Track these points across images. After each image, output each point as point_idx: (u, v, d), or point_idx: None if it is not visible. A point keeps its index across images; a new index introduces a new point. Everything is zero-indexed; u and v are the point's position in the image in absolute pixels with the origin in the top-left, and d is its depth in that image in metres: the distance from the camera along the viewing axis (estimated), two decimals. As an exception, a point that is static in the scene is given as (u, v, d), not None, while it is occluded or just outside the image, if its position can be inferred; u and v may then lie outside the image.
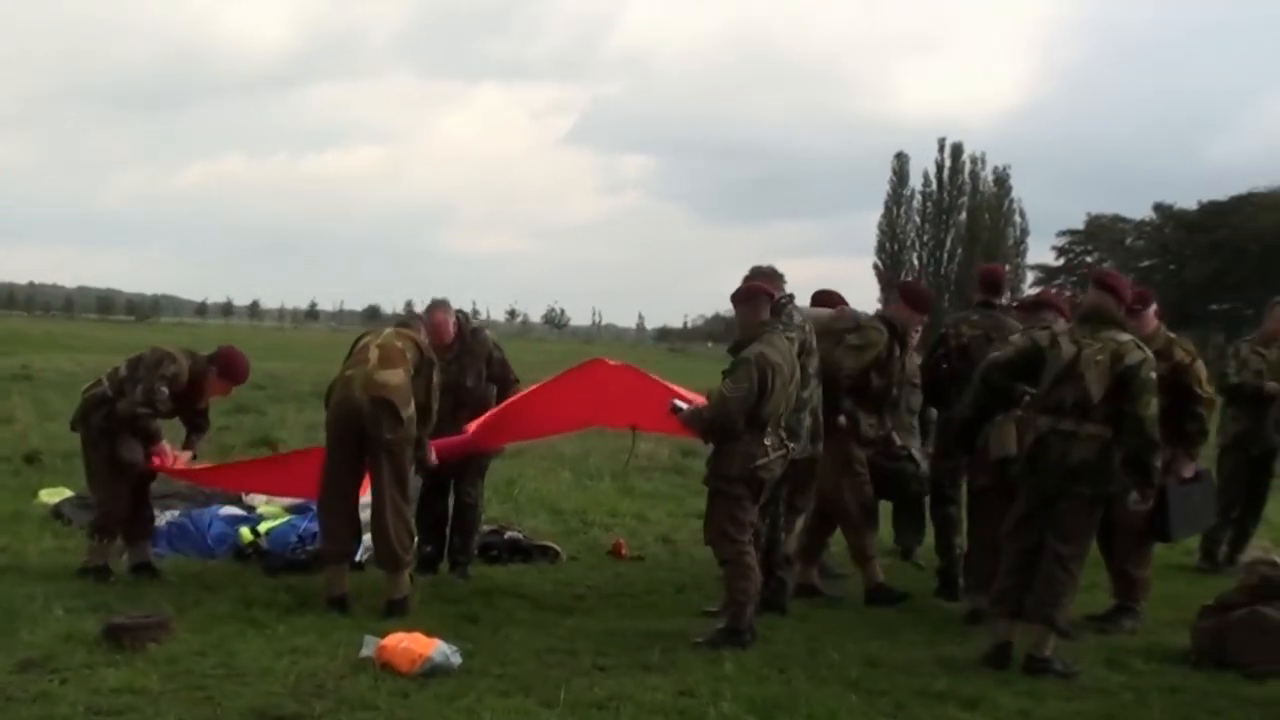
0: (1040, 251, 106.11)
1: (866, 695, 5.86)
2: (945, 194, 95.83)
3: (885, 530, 9.79)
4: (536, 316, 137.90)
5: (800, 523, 8.11)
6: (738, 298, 7.27)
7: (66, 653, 6.09)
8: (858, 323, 8.31)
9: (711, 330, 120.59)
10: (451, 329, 8.47)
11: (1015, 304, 8.89)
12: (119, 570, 8.01)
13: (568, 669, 6.13)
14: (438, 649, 6.02)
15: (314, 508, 9.15)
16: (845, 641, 6.87)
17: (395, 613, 7.18)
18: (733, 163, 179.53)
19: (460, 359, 8.52)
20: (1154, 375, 6.53)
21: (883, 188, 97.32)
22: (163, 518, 9.64)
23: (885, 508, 9.74)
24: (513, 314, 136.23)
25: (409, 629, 6.41)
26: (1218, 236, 78.64)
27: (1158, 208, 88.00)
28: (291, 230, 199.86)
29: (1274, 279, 73.40)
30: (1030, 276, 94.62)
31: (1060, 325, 6.98)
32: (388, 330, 7.85)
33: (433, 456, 7.81)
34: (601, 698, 5.62)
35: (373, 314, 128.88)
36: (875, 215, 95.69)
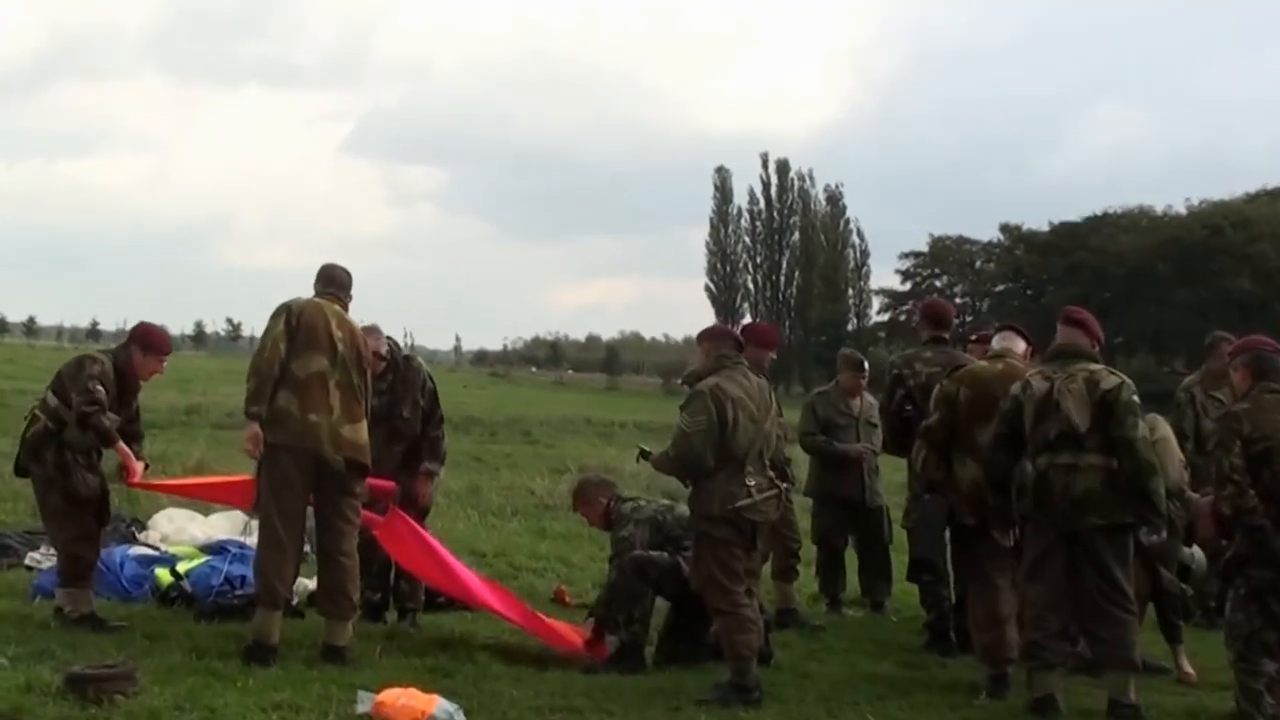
0: (883, 275, 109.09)
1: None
2: (775, 213, 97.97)
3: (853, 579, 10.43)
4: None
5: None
6: (702, 336, 7.83)
7: (35, 705, 6.17)
8: None
9: (532, 354, 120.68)
10: (382, 358, 8.59)
11: (973, 337, 9.55)
12: (38, 612, 8.12)
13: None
14: (440, 707, 6.25)
15: (231, 549, 9.42)
16: (859, 702, 7.24)
17: (334, 659, 7.43)
18: (529, 176, 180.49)
19: (394, 388, 8.70)
20: (1136, 398, 7.09)
21: (704, 203, 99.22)
22: (50, 560, 9.77)
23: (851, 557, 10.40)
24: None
25: (383, 683, 6.68)
26: (1075, 259, 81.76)
27: (1004, 228, 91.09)
28: (62, 242, 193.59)
29: (1142, 303, 77.19)
30: (876, 301, 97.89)
31: (1025, 367, 7.69)
32: (341, 341, 7.67)
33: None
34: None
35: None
36: (697, 232, 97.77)
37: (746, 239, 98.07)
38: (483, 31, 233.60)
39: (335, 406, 7.59)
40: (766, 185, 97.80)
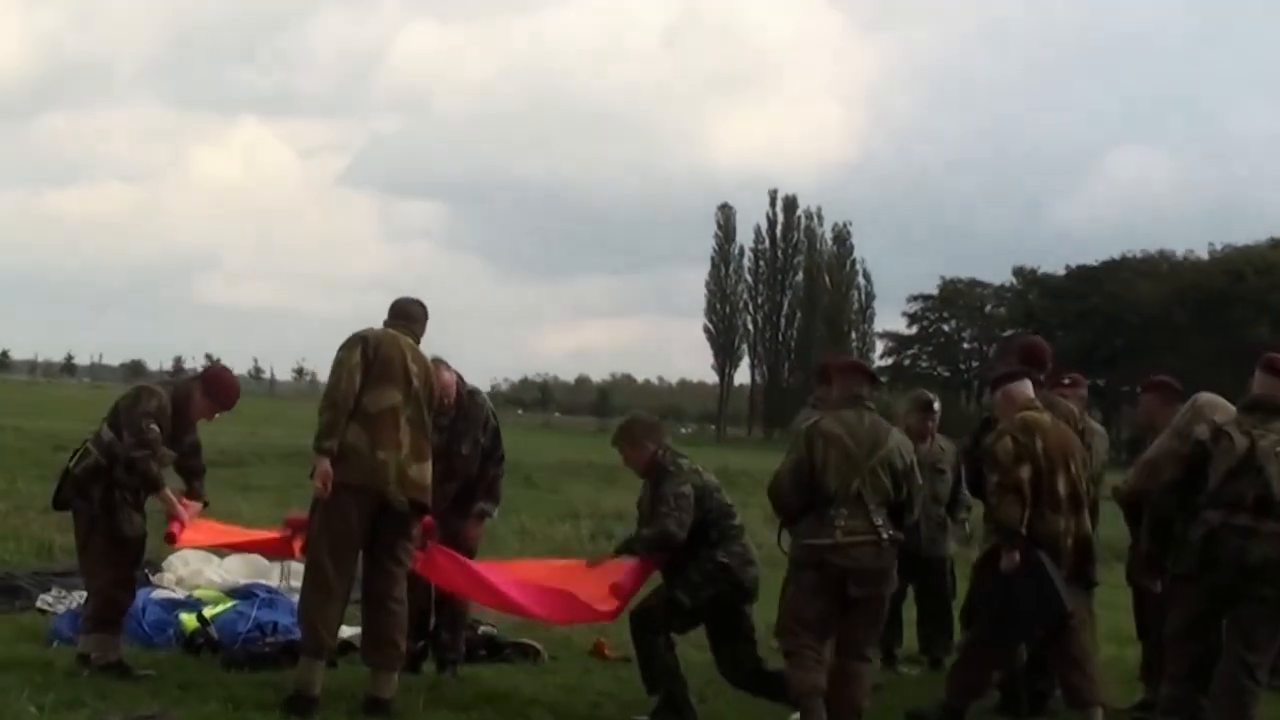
0: (888, 317, 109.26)
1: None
2: (779, 252, 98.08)
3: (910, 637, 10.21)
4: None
5: None
6: (834, 369, 8.09)
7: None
8: None
9: (518, 396, 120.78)
10: (453, 391, 8.49)
11: (1066, 380, 9.33)
12: (59, 658, 7.97)
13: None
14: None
15: (259, 593, 9.23)
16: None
17: (377, 712, 7.23)
18: (530, 212, 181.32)
19: (455, 424, 8.53)
20: None
21: (706, 243, 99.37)
22: (71, 599, 9.61)
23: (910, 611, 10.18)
24: (300, 372, 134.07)
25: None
26: (1088, 304, 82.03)
27: (1018, 272, 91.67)
28: (39, 274, 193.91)
29: (1152, 353, 76.97)
30: (880, 345, 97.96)
31: (1220, 416, 7.41)
32: (416, 376, 7.53)
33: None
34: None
35: (135, 370, 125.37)
36: (696, 273, 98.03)
37: (749, 278, 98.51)
38: (486, 64, 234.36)
39: (405, 443, 7.41)
40: (772, 223, 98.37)
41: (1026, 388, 8.07)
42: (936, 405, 10.28)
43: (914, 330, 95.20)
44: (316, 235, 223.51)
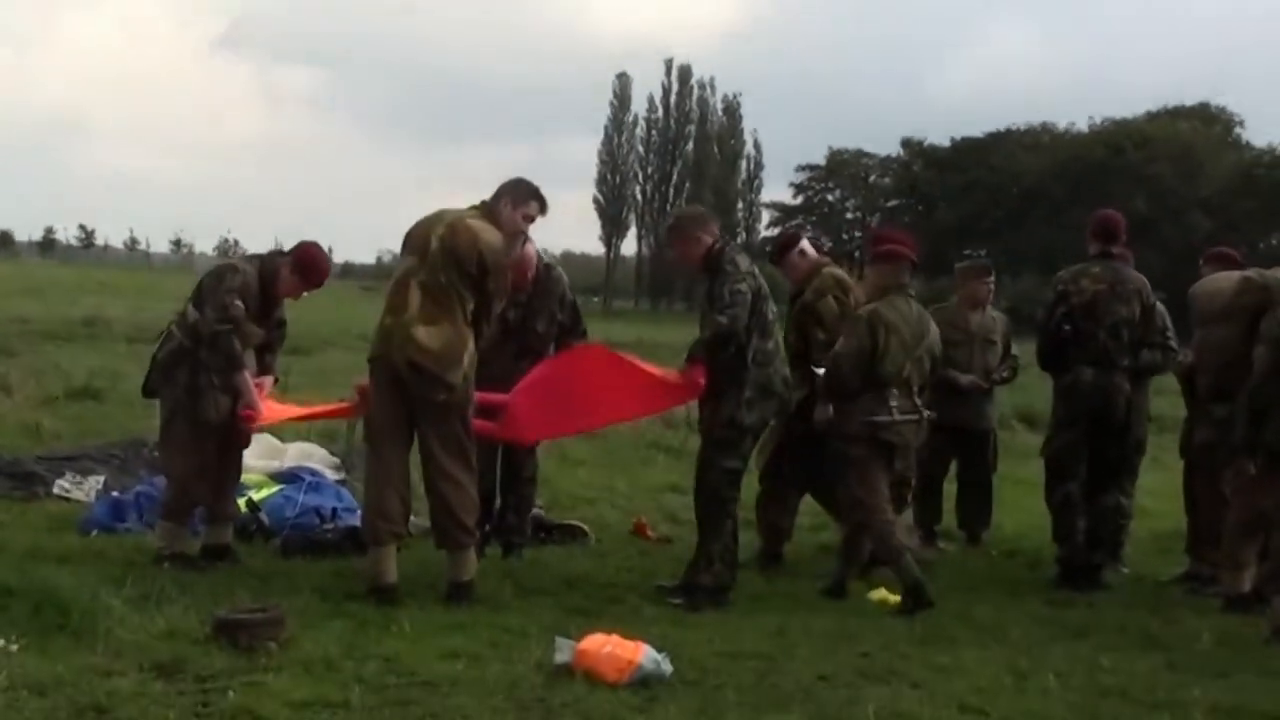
0: (776, 188, 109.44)
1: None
2: (672, 121, 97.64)
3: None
4: (207, 247, 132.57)
5: None
6: (879, 257, 8.05)
7: (196, 656, 5.73)
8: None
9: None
10: (533, 265, 8.18)
11: (1205, 258, 9.18)
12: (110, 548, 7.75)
13: (793, 677, 6.08)
14: (647, 655, 5.88)
15: (304, 477, 8.90)
16: (1037, 645, 6.99)
17: (460, 597, 7.05)
18: (414, 82, 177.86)
19: (531, 300, 8.24)
20: None
21: (596, 112, 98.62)
22: (89, 483, 9.23)
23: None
24: (178, 244, 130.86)
25: (521, 625, 6.53)
26: (972, 176, 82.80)
27: (906, 143, 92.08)
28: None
29: (1032, 224, 78.13)
30: (766, 215, 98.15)
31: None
32: (437, 238, 7.12)
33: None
34: (899, 711, 5.59)
35: (3, 240, 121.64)
36: (587, 143, 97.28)
37: (640, 149, 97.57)
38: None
39: (412, 305, 7.03)
40: (667, 92, 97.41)
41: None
42: (992, 271, 10.16)
43: (799, 201, 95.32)
44: (192, 101, 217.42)
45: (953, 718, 5.60)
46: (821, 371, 7.90)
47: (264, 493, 8.68)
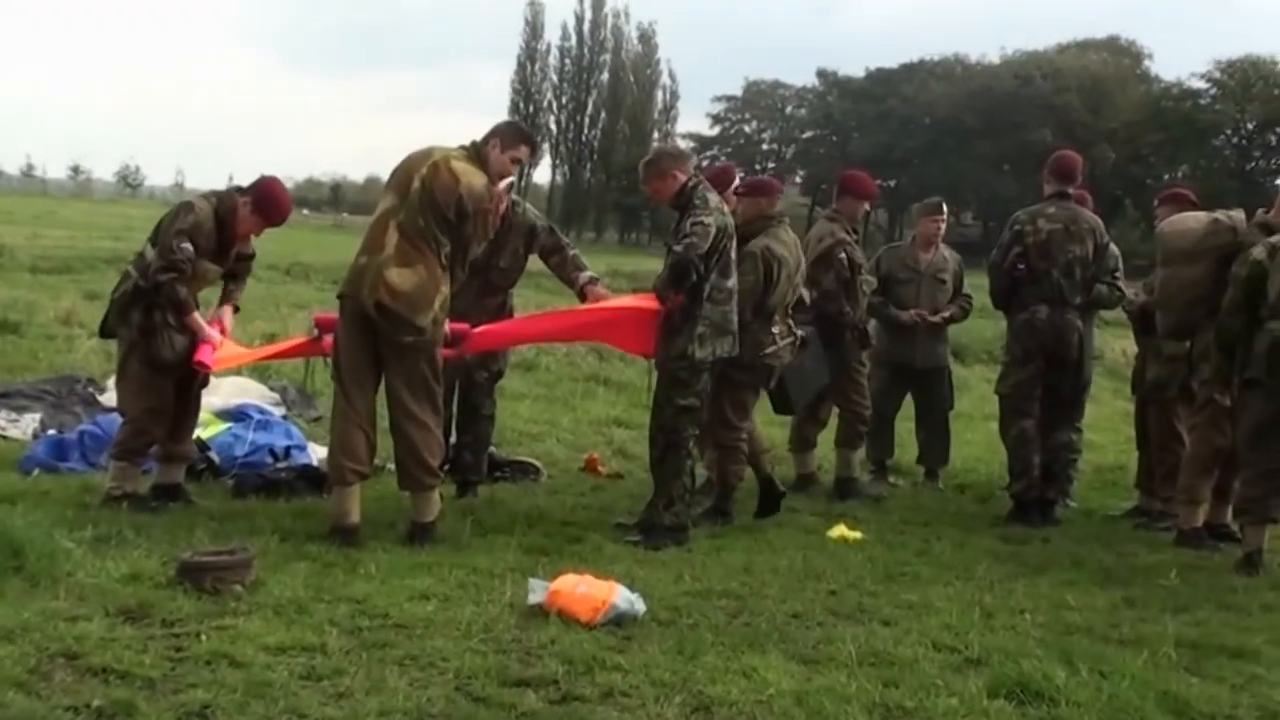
0: (693, 119, 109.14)
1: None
2: (586, 50, 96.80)
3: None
4: (107, 174, 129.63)
5: None
6: (751, 188, 8.35)
7: (161, 600, 5.62)
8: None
9: (304, 197, 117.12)
10: (504, 208, 8.00)
11: (1160, 198, 9.24)
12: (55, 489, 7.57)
13: (765, 616, 6.08)
14: (620, 595, 5.87)
15: (251, 414, 8.72)
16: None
17: (423, 538, 6.99)
18: (322, 3, 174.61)
19: (496, 236, 8.00)
20: None
21: (510, 39, 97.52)
22: (25, 421, 9.04)
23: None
24: (77, 171, 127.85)
25: (488, 565, 6.51)
26: (886, 107, 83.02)
27: (821, 74, 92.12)
28: None
29: (943, 155, 78.56)
30: (682, 146, 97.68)
31: (1273, 237, 7.60)
32: (420, 179, 6.99)
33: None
34: (874, 650, 5.59)
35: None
36: (500, 70, 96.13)
37: (554, 77, 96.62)
38: None
39: (388, 246, 6.93)
40: (580, 20, 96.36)
41: None
42: (945, 208, 10.15)
43: (716, 132, 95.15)
44: (97, 24, 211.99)
45: (928, 655, 5.61)
46: None
47: (211, 430, 8.49)
